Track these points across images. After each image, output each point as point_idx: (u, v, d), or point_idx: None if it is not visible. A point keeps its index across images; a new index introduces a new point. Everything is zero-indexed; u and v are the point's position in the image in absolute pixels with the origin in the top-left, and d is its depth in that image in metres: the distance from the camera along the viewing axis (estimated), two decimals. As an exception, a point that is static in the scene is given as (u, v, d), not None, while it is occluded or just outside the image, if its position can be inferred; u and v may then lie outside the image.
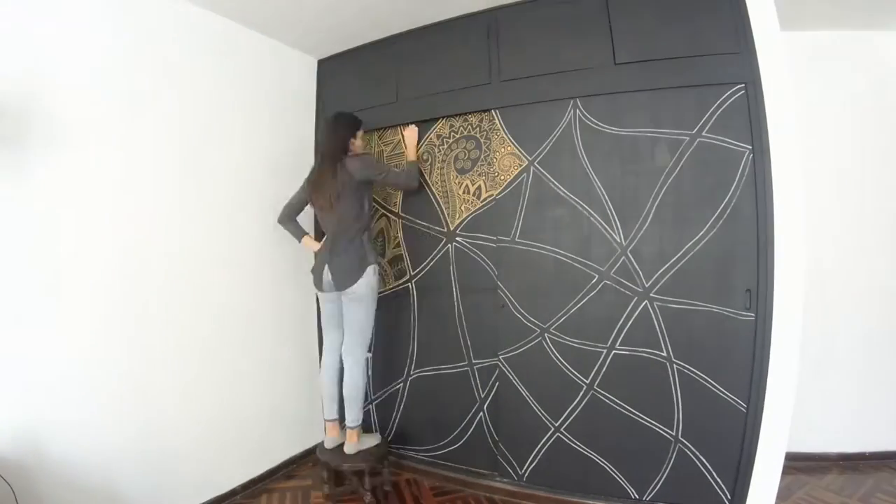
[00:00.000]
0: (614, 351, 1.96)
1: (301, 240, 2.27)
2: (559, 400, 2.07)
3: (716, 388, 1.82)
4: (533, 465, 2.13)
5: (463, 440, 2.31)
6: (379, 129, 2.52)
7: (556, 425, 2.08)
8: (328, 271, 2.11)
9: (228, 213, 2.20)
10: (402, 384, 2.47)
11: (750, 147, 1.75)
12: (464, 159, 2.30)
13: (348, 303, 2.13)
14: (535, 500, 2.11)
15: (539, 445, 2.11)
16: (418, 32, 2.38)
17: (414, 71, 2.40)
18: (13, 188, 1.50)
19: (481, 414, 2.26)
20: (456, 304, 2.31)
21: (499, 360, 2.18)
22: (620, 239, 1.95)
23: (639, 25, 1.90)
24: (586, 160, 2.00)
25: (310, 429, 2.62)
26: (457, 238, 2.31)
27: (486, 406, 2.24)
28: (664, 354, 1.89)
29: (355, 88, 2.57)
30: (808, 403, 2.15)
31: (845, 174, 2.41)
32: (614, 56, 1.94)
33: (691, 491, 1.86)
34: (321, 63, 2.72)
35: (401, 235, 2.47)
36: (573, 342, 2.03)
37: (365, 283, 2.09)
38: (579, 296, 2.01)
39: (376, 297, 2.19)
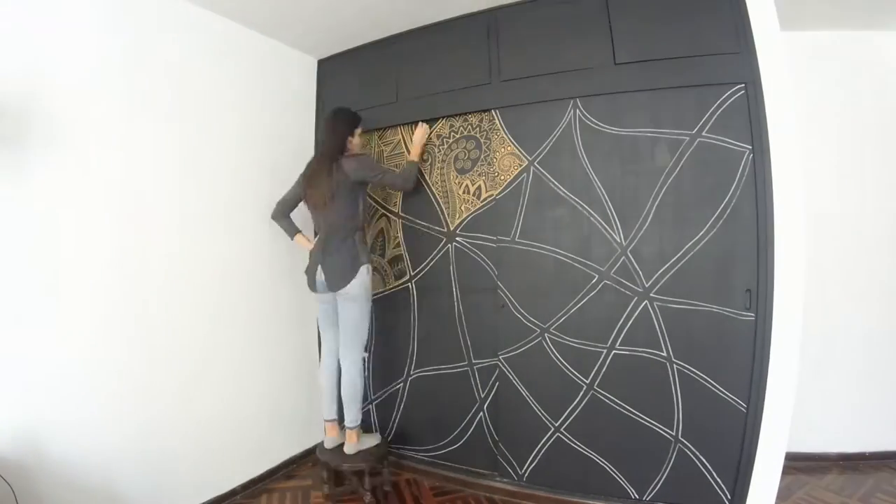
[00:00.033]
0: (614, 351, 1.96)
1: (294, 237, 2.26)
2: (559, 400, 2.07)
3: (716, 388, 1.82)
4: (533, 465, 2.13)
5: (463, 440, 2.31)
6: (379, 129, 2.52)
7: (556, 425, 2.08)
8: (321, 272, 2.11)
9: (228, 213, 2.20)
10: (402, 384, 2.47)
11: (750, 147, 1.76)
12: (464, 159, 2.30)
13: (343, 303, 2.12)
14: (535, 500, 2.11)
15: (539, 445, 2.11)
16: (418, 32, 2.38)
17: (414, 71, 2.40)
18: (13, 188, 1.50)
19: (481, 414, 2.26)
20: (456, 304, 2.31)
21: (499, 360, 2.18)
22: (620, 239, 1.95)
23: (639, 25, 1.91)
24: (586, 160, 2.00)
25: (309, 429, 2.61)
26: (457, 238, 2.31)
27: (486, 406, 2.24)
28: (664, 354, 1.89)
29: (355, 88, 2.57)
30: (808, 403, 2.15)
31: (845, 174, 2.41)
32: (614, 56, 1.94)
33: (691, 491, 1.86)
34: (321, 63, 2.72)
35: (401, 235, 2.47)
36: (573, 342, 2.03)
37: (359, 284, 2.08)
38: (579, 296, 2.01)
39: (371, 297, 2.18)
